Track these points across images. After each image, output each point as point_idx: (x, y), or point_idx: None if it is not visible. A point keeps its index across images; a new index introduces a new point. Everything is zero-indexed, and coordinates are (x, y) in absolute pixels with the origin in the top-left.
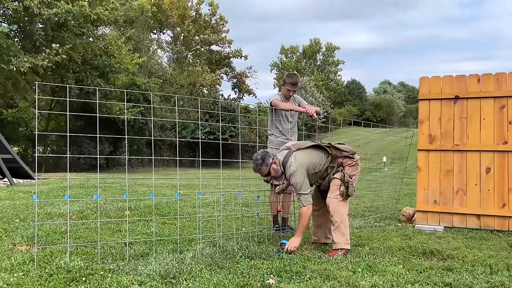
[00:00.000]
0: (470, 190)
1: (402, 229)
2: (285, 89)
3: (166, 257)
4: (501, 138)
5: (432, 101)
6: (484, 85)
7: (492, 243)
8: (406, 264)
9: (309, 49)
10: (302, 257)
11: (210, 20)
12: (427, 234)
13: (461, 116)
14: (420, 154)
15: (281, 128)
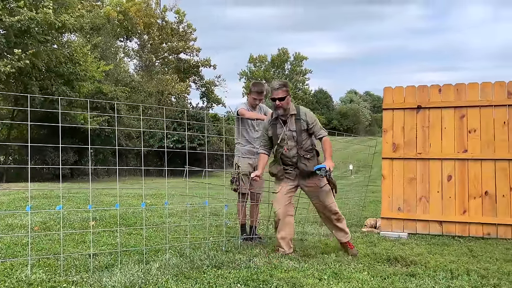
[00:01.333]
0: (433, 197)
1: (367, 236)
2: (251, 97)
3: (132, 268)
4: (462, 147)
5: (396, 111)
6: (445, 95)
7: (453, 249)
8: (371, 270)
9: (278, 58)
10: (269, 265)
11: (177, 28)
12: (392, 240)
13: (424, 125)
14: (384, 163)
15: (248, 137)
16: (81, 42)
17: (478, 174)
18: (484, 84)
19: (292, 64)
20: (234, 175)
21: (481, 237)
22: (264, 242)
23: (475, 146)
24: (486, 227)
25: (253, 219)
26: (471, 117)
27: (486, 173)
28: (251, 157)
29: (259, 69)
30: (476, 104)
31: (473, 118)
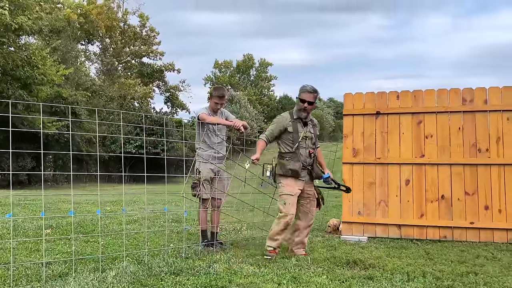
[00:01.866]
0: (392, 201)
1: (328, 240)
2: (213, 102)
3: (87, 276)
4: (419, 152)
5: (356, 116)
6: (403, 101)
7: (411, 252)
8: (330, 274)
9: (243, 64)
10: (229, 271)
11: (140, 31)
12: (352, 244)
13: (382, 131)
14: (344, 167)
15: (209, 142)
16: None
17: (435, 178)
18: (440, 91)
19: (257, 70)
20: (195, 180)
21: (438, 240)
22: (225, 247)
23: (432, 151)
24: (442, 230)
25: (214, 225)
26: (428, 123)
27: (443, 178)
28: (213, 162)
29: (224, 75)
30: (433, 110)
31: (430, 124)
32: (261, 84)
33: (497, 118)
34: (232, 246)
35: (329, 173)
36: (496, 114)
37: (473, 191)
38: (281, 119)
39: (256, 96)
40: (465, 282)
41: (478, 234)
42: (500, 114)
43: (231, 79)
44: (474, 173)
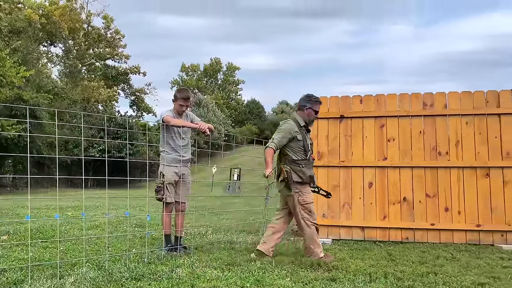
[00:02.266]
0: (355, 204)
1: (293, 243)
2: (177, 104)
3: (44, 283)
4: (381, 155)
5: (320, 120)
6: (366, 105)
7: (373, 253)
8: (294, 276)
9: (210, 68)
10: (192, 275)
11: (105, 33)
12: None
13: (346, 134)
14: None
15: (174, 145)
16: None
17: (397, 181)
18: (402, 95)
19: (225, 74)
20: (159, 184)
21: (400, 242)
22: (189, 252)
23: (394, 154)
24: (404, 231)
25: (178, 229)
26: (390, 127)
27: (404, 180)
28: (177, 166)
29: (191, 78)
30: (395, 114)
31: (392, 128)
32: (228, 88)
33: (456, 122)
34: (197, 251)
35: None
36: (455, 118)
37: (433, 193)
38: (289, 127)
39: (224, 100)
40: (425, 282)
41: (439, 235)
42: (459, 118)
43: (198, 83)
44: (434, 176)
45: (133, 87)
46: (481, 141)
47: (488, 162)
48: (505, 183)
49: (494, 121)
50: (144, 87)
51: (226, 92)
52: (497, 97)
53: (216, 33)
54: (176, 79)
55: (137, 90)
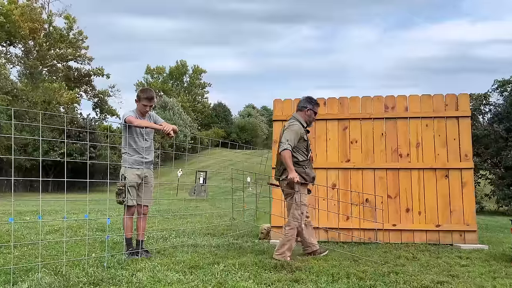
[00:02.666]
0: (319, 205)
1: (258, 245)
2: (141, 105)
3: None
4: (345, 157)
5: (285, 122)
6: (329, 108)
7: (337, 254)
8: (257, 278)
9: (176, 70)
10: (152, 279)
11: (67, 34)
12: None
13: (310, 136)
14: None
15: (136, 146)
16: None
17: (360, 182)
18: (365, 98)
19: (191, 77)
20: (120, 187)
21: (363, 242)
22: (151, 256)
23: (357, 156)
24: (367, 232)
25: (140, 232)
26: (353, 129)
27: (367, 182)
28: (139, 168)
29: (156, 80)
30: (357, 117)
31: (355, 130)
32: (194, 91)
33: (417, 124)
34: (159, 254)
35: None
36: (416, 120)
37: (395, 194)
38: (298, 127)
39: (190, 103)
40: (386, 281)
41: (400, 235)
42: (420, 121)
43: (164, 85)
44: (396, 177)
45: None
46: (441, 143)
47: (447, 164)
48: (464, 184)
49: (453, 123)
50: (108, 89)
51: (192, 95)
52: (456, 101)
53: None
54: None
55: (100, 92)
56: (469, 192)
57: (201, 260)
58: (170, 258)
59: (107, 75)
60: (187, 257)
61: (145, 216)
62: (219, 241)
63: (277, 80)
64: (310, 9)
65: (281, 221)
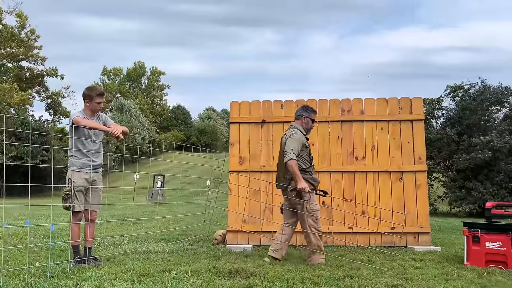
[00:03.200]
0: (276, 208)
1: (213, 251)
2: (94, 103)
3: None
4: None
5: (242, 124)
6: (287, 110)
7: (293, 258)
8: (210, 285)
9: (134, 72)
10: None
11: (19, 33)
12: (236, 253)
13: (268, 139)
14: (231, 176)
15: (84, 149)
16: None
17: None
18: (321, 101)
19: (149, 79)
20: (67, 191)
21: None
22: (99, 264)
23: (314, 159)
24: (323, 235)
25: (88, 239)
26: None
27: (323, 184)
28: (87, 171)
29: (113, 82)
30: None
31: (312, 133)
32: (153, 93)
33: (372, 127)
34: (108, 262)
35: None
36: (371, 123)
37: (351, 197)
38: (300, 135)
39: (148, 106)
40: (341, 285)
41: (356, 238)
42: (375, 124)
43: (121, 87)
44: (352, 180)
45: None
46: (395, 146)
47: (401, 167)
48: (418, 186)
49: (407, 127)
50: (62, 91)
51: (150, 97)
52: (410, 104)
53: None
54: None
55: (54, 93)
56: (423, 195)
57: (152, 267)
58: (120, 266)
59: (61, 76)
60: (137, 264)
61: (93, 222)
62: (173, 247)
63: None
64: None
65: (236, 225)
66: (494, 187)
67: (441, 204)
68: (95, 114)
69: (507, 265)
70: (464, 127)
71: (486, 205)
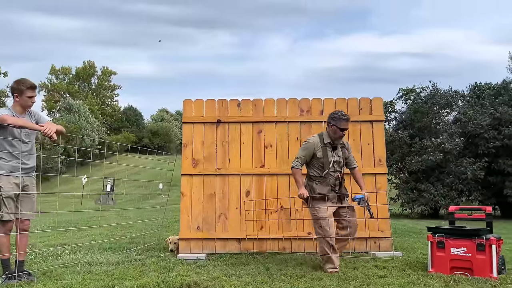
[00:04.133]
0: (232, 214)
1: (164, 261)
2: (25, 98)
3: None
4: (259, 162)
5: (196, 124)
6: (243, 110)
7: (250, 268)
8: None
9: (83, 71)
10: None
11: None
12: (189, 264)
13: (223, 140)
14: (183, 179)
15: (13, 150)
16: None
17: (274, 189)
18: (280, 100)
19: (99, 79)
20: None
21: (278, 252)
22: (32, 279)
23: (272, 161)
24: (282, 242)
25: (19, 252)
26: (268, 132)
27: (282, 188)
28: (18, 175)
29: (62, 82)
30: (273, 120)
31: (270, 133)
32: (103, 94)
33: None
34: (44, 276)
35: (362, 195)
36: None
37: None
38: (310, 144)
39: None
40: None
41: (315, 244)
42: None
43: (70, 87)
44: None
45: None
46: (355, 148)
47: (361, 169)
48: (378, 190)
49: (367, 128)
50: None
51: (101, 98)
52: (370, 105)
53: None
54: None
55: None
56: (383, 198)
57: (93, 283)
58: (56, 281)
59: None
60: (76, 280)
61: (26, 232)
62: (119, 257)
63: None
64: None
65: (189, 232)
66: (444, 188)
67: (393, 205)
68: (26, 111)
69: (472, 272)
70: (415, 130)
71: (450, 209)
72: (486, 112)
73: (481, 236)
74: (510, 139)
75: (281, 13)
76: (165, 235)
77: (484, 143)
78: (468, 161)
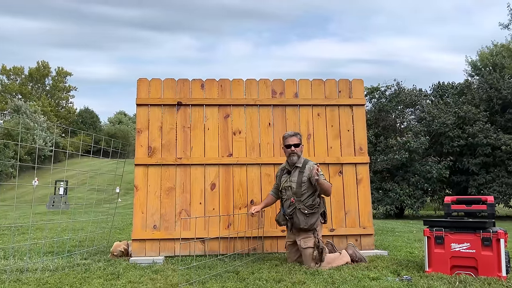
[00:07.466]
0: (194, 210)
1: (112, 266)
2: None
3: None
4: (226, 150)
5: (152, 107)
6: (208, 91)
7: (217, 272)
8: None
9: (37, 72)
10: None
11: None
12: (143, 268)
13: (185, 126)
14: (137, 170)
15: None
16: None
17: (244, 181)
18: (249, 81)
19: (54, 80)
20: None
21: (247, 254)
22: None
23: (241, 149)
24: (252, 241)
25: None
26: (236, 117)
27: (252, 180)
28: None
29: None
30: (241, 103)
31: (238, 118)
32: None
33: (307, 113)
34: None
35: (410, 276)
36: (306, 108)
37: None
38: (279, 169)
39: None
40: None
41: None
42: (311, 109)
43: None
44: None
45: None
46: (334, 135)
47: (341, 158)
48: (359, 181)
49: (346, 113)
50: None
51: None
52: (349, 87)
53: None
54: None
55: None
56: (365, 190)
57: None
58: None
59: None
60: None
61: None
62: (60, 262)
63: None
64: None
65: (143, 232)
66: (410, 187)
67: None
68: None
69: (477, 271)
70: (380, 129)
71: (445, 200)
72: (450, 111)
73: (487, 229)
74: (474, 137)
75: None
76: (117, 237)
77: (448, 141)
78: (433, 160)
